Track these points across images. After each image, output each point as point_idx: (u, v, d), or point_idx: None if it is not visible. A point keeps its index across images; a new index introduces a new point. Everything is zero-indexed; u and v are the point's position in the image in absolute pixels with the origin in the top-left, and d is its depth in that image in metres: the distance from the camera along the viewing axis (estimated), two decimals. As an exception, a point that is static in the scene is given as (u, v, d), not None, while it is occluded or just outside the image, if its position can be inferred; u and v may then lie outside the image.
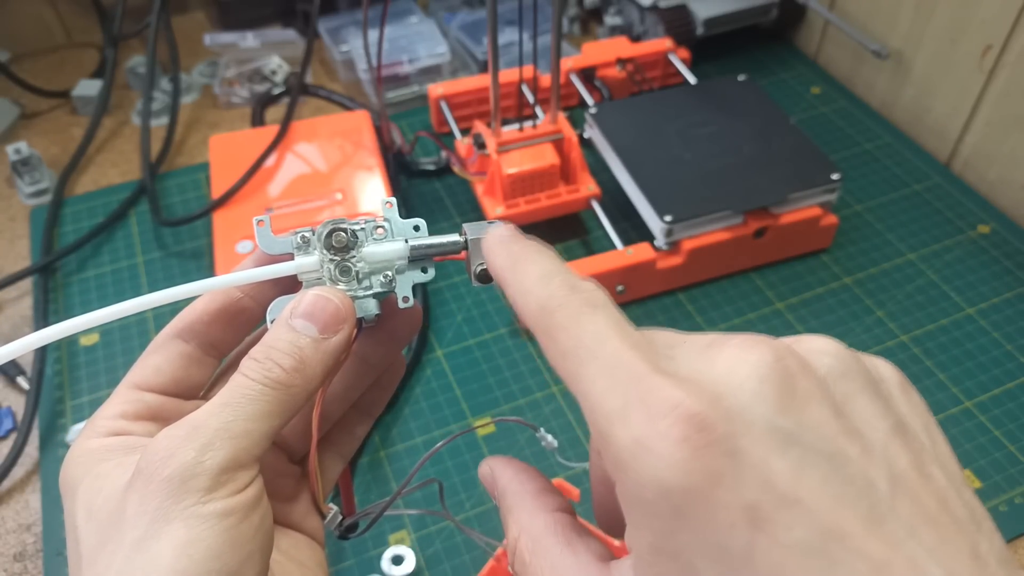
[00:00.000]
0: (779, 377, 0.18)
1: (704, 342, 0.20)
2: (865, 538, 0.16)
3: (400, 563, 0.46)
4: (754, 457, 0.17)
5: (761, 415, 0.17)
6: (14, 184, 0.69)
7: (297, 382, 0.23)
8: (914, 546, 0.16)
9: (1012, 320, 0.58)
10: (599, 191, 0.62)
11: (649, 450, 0.17)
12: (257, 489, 0.23)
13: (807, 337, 0.20)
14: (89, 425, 0.25)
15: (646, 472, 0.17)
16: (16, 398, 0.55)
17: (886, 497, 0.17)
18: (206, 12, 0.90)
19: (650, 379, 0.18)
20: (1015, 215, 0.66)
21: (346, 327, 0.25)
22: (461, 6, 0.85)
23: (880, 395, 0.19)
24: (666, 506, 0.17)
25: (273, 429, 0.23)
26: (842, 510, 0.16)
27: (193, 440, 0.22)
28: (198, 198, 0.69)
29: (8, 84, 0.76)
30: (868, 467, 0.17)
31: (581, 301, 0.21)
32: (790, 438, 0.17)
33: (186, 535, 0.21)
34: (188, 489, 0.21)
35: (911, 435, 0.19)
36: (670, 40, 0.75)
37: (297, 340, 0.24)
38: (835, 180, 0.59)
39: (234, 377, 0.23)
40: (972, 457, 0.50)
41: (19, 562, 0.47)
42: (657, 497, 0.17)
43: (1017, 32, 0.62)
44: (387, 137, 0.67)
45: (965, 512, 0.18)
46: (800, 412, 0.18)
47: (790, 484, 0.17)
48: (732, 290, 0.61)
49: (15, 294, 0.62)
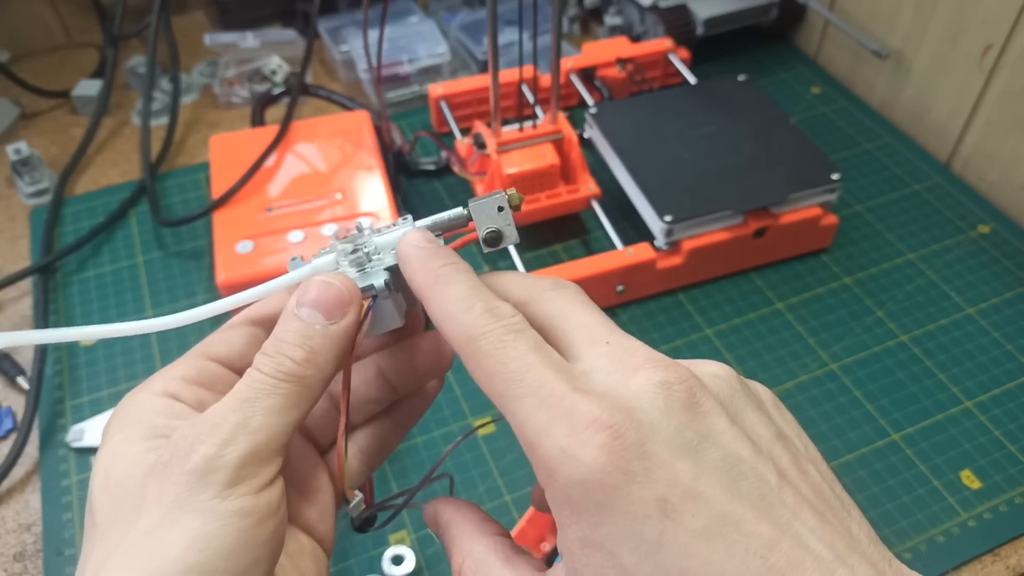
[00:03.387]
0: (683, 396, 0.21)
1: (620, 358, 0.22)
2: (757, 522, 0.19)
3: (400, 563, 0.46)
4: (662, 459, 0.20)
5: (667, 426, 0.21)
6: (14, 184, 0.69)
7: (310, 372, 0.24)
8: (799, 527, 0.20)
9: (1012, 320, 0.58)
10: (599, 191, 0.62)
11: (573, 457, 0.20)
12: (277, 493, 0.23)
13: (702, 362, 0.24)
14: (150, 379, 0.26)
15: (572, 475, 0.20)
16: (16, 398, 0.55)
17: (775, 488, 0.20)
18: (206, 12, 0.90)
19: (571, 397, 0.21)
20: (1015, 215, 0.66)
21: (352, 310, 0.25)
22: (461, 6, 0.85)
23: (762, 410, 0.23)
24: (590, 503, 0.20)
25: (292, 421, 0.24)
26: (737, 500, 0.20)
27: (214, 435, 0.22)
28: (198, 198, 0.69)
29: (8, 84, 0.76)
30: (758, 465, 0.21)
31: (503, 328, 0.23)
32: (691, 445, 0.20)
33: (200, 529, 0.21)
34: (208, 482, 0.22)
35: (789, 440, 0.23)
36: (670, 40, 0.75)
37: (305, 330, 0.24)
38: (835, 180, 0.59)
39: (249, 372, 0.24)
40: (972, 457, 0.50)
41: (19, 562, 0.47)
42: (581, 496, 0.20)
43: (1017, 32, 0.62)
44: (387, 137, 0.67)
45: (837, 501, 0.21)
46: (700, 423, 0.21)
47: (692, 480, 0.20)
48: (732, 290, 0.61)
49: (15, 294, 0.62)
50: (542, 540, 0.45)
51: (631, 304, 0.60)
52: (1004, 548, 0.47)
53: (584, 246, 0.64)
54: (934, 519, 0.48)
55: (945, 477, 0.50)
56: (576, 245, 0.64)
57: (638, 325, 0.58)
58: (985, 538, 0.47)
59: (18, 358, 0.57)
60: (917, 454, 0.51)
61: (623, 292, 0.58)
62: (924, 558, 0.46)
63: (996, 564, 0.46)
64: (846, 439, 0.52)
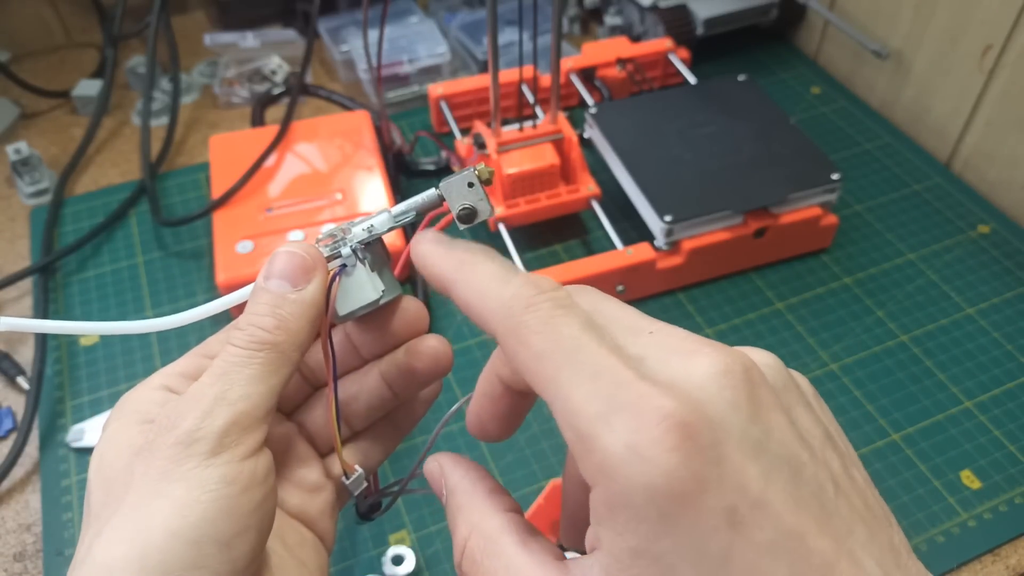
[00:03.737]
0: (749, 387, 0.19)
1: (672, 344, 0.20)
2: (819, 536, 0.18)
3: (400, 563, 0.46)
4: (734, 462, 0.18)
5: (736, 423, 0.18)
6: (14, 184, 0.69)
7: (281, 338, 0.24)
8: (853, 543, 0.18)
9: (1012, 320, 0.58)
10: (599, 191, 0.62)
11: (642, 456, 0.17)
12: (263, 464, 0.23)
13: (751, 349, 0.21)
14: (151, 376, 0.26)
15: (637, 478, 0.17)
16: (16, 398, 0.55)
17: (832, 498, 0.19)
18: (206, 12, 0.90)
19: (636, 386, 0.18)
20: (1015, 215, 0.66)
21: (316, 275, 0.26)
22: (461, 6, 0.85)
23: (811, 406, 0.21)
24: (654, 511, 0.17)
25: (271, 388, 0.24)
26: (801, 511, 0.18)
27: (195, 408, 0.23)
28: (198, 198, 0.69)
29: (8, 84, 0.76)
30: (817, 470, 0.19)
31: (551, 302, 0.20)
32: (759, 445, 0.18)
33: (185, 496, 0.21)
34: (191, 453, 0.22)
35: (835, 442, 0.21)
36: (670, 40, 0.75)
37: (272, 299, 0.25)
38: (835, 180, 0.59)
39: (225, 348, 0.24)
40: (972, 457, 0.50)
41: (19, 562, 0.47)
42: (645, 502, 0.17)
43: (1017, 32, 0.62)
44: (387, 137, 0.67)
45: (881, 511, 0.20)
46: (766, 420, 0.19)
47: (761, 487, 0.18)
48: (732, 290, 0.61)
49: (15, 294, 0.62)
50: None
51: (631, 304, 0.60)
52: (1004, 548, 0.47)
53: (584, 246, 0.64)
54: (934, 519, 0.48)
55: (945, 477, 0.50)
56: (576, 245, 0.64)
57: (638, 325, 0.58)
58: (985, 538, 0.47)
59: (18, 358, 0.57)
60: (917, 454, 0.51)
61: (623, 292, 0.58)
62: (924, 558, 0.46)
63: (996, 564, 0.46)
64: (846, 439, 0.52)
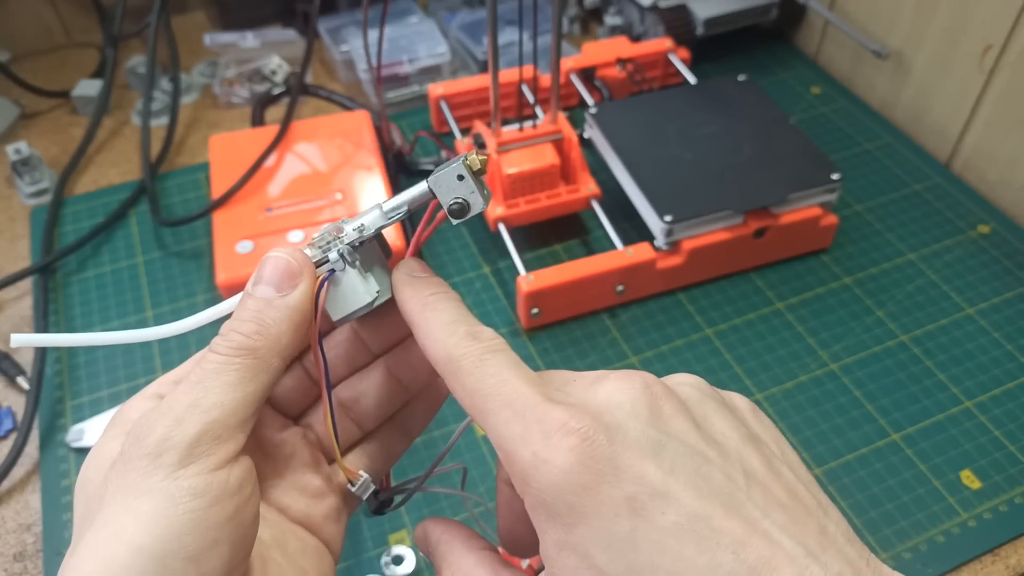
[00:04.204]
0: (648, 399, 0.22)
1: (591, 378, 0.23)
2: (725, 519, 0.20)
3: (400, 563, 0.46)
4: (630, 460, 0.20)
5: (634, 428, 0.21)
6: (14, 184, 0.69)
7: (260, 343, 0.24)
8: (768, 525, 0.20)
9: (1012, 320, 0.58)
10: (599, 191, 0.62)
11: (545, 461, 0.21)
12: (238, 474, 0.23)
13: (674, 375, 0.25)
14: (150, 384, 0.26)
15: (544, 479, 0.21)
16: (16, 398, 0.55)
17: (742, 488, 0.21)
18: (206, 12, 0.90)
19: (543, 406, 0.22)
20: (1015, 215, 0.66)
21: (303, 281, 0.26)
22: (461, 6, 0.85)
23: (732, 415, 0.24)
24: (563, 505, 0.20)
25: (249, 395, 0.24)
26: (705, 499, 0.20)
27: (165, 417, 0.22)
28: (198, 198, 0.69)
29: (8, 84, 0.76)
30: (725, 465, 0.21)
31: (482, 348, 0.24)
32: (658, 444, 0.21)
33: (151, 511, 0.21)
34: (159, 464, 0.22)
35: (761, 443, 0.23)
36: (670, 40, 0.75)
37: (256, 304, 0.25)
38: (835, 180, 0.59)
39: (205, 354, 0.24)
40: (972, 457, 0.50)
41: (19, 562, 0.47)
42: (554, 499, 0.20)
43: (1017, 32, 0.62)
44: (387, 137, 0.67)
45: (813, 501, 0.22)
46: (666, 425, 0.22)
47: (660, 480, 0.20)
48: (732, 290, 0.61)
49: (15, 294, 0.62)
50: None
51: (631, 304, 0.60)
52: (1004, 548, 0.47)
53: (584, 246, 0.64)
54: (934, 519, 0.48)
55: (945, 477, 0.50)
56: (576, 245, 0.64)
57: (638, 325, 0.58)
58: (985, 538, 0.47)
59: (18, 358, 0.57)
60: (917, 454, 0.51)
61: (623, 292, 0.58)
62: (924, 558, 0.46)
63: (996, 564, 0.46)
64: (846, 439, 0.52)
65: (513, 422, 0.22)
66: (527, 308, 0.56)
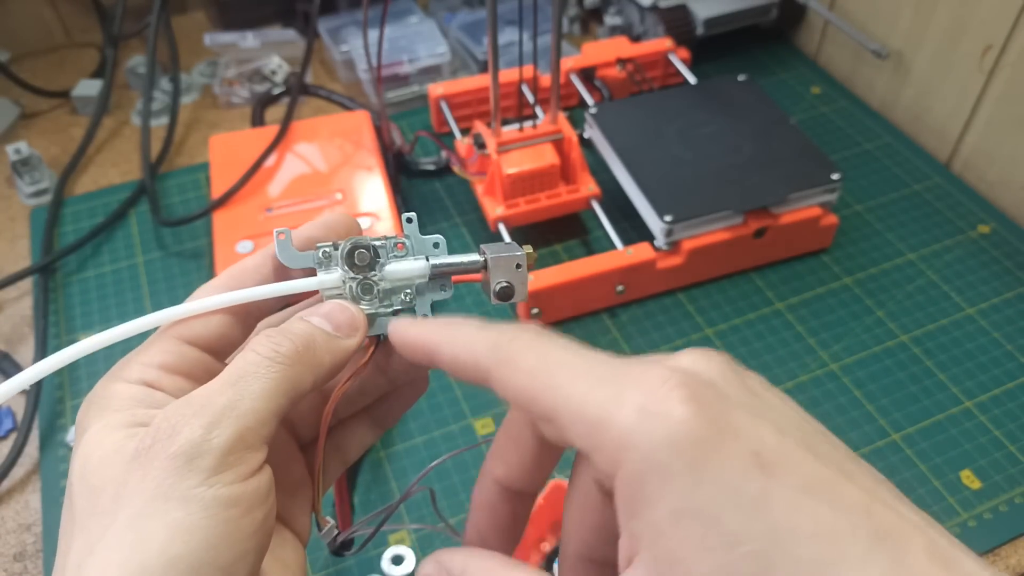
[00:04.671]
0: (733, 369, 0.21)
1: (662, 354, 0.22)
2: (846, 484, 0.18)
3: (400, 563, 0.46)
4: (742, 419, 0.19)
5: (733, 391, 0.20)
6: (14, 184, 0.69)
7: (305, 360, 0.23)
8: (883, 493, 0.19)
9: (1012, 320, 0.58)
10: (599, 191, 0.62)
11: (657, 413, 0.19)
12: (265, 481, 0.22)
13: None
14: (123, 365, 0.24)
15: (658, 434, 0.18)
16: (16, 398, 0.55)
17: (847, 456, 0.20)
18: (206, 12, 0.89)
19: (635, 367, 0.20)
20: (1015, 215, 0.66)
21: (358, 334, 0.25)
22: (461, 6, 0.85)
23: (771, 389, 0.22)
24: (681, 463, 0.18)
25: (280, 408, 0.23)
26: (821, 464, 0.19)
27: (200, 417, 0.21)
28: (198, 198, 0.69)
29: (8, 84, 0.76)
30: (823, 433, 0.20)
31: (532, 332, 0.23)
32: (761, 407, 0.20)
33: (184, 519, 0.20)
34: (193, 468, 0.21)
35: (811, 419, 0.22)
36: (670, 40, 0.75)
37: (309, 328, 0.24)
38: (835, 180, 0.59)
39: (243, 354, 0.23)
40: (972, 457, 0.50)
41: (19, 562, 0.47)
42: (671, 457, 0.18)
43: (1017, 32, 0.62)
44: (387, 137, 0.67)
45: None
46: (758, 393, 0.21)
47: (777, 441, 0.19)
48: (732, 290, 0.61)
49: (15, 294, 0.62)
50: (542, 540, 0.45)
51: (631, 304, 0.60)
52: (1004, 548, 0.47)
53: (584, 246, 0.64)
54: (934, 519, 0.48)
55: (945, 477, 0.50)
56: (576, 245, 0.64)
57: (638, 325, 0.58)
58: (985, 538, 0.47)
59: (18, 358, 0.57)
60: (917, 454, 0.51)
61: (623, 292, 0.58)
62: (924, 558, 0.46)
63: (996, 564, 0.46)
64: (846, 439, 0.51)
65: (598, 388, 0.20)
66: (527, 308, 0.56)
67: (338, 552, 0.29)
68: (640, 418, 0.19)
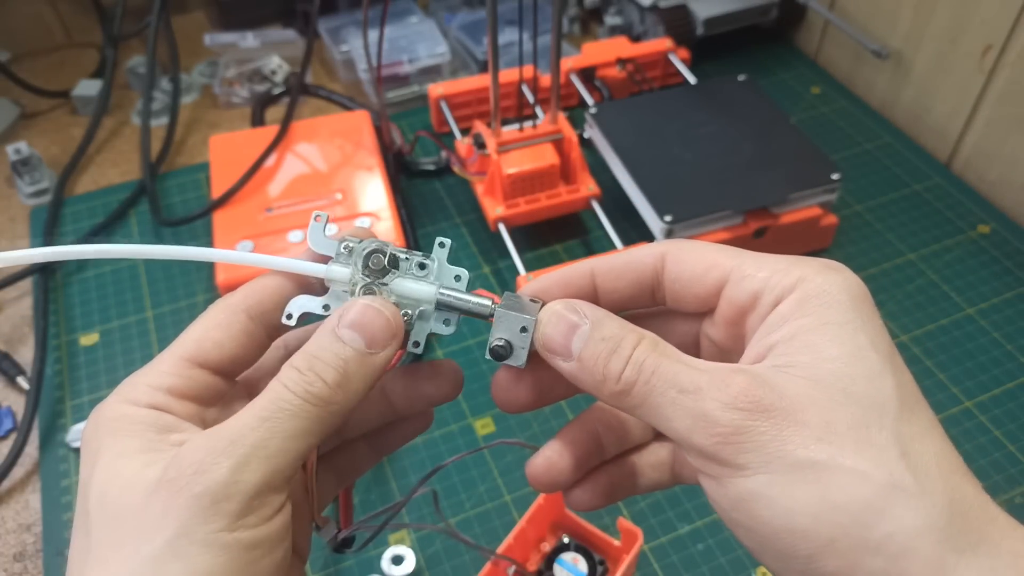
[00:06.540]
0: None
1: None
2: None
3: (400, 563, 0.46)
4: None
5: None
6: (14, 184, 0.69)
7: (339, 399, 0.23)
8: None
9: (1012, 320, 0.58)
10: (599, 191, 0.62)
11: (836, 269, 0.23)
12: (284, 520, 0.22)
13: None
14: (129, 386, 0.23)
15: (834, 277, 0.23)
16: (16, 398, 0.55)
17: None
18: (206, 12, 0.90)
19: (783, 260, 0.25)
20: (1015, 215, 0.66)
21: (394, 344, 0.24)
22: (461, 6, 0.85)
23: None
24: (846, 297, 0.23)
25: (310, 448, 0.22)
26: None
27: (229, 456, 0.21)
28: (198, 198, 0.69)
29: (8, 84, 0.76)
30: None
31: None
32: None
33: (206, 563, 0.20)
34: (218, 512, 0.20)
35: None
36: (670, 40, 0.75)
37: (343, 352, 0.23)
38: (835, 180, 0.59)
39: (273, 386, 0.22)
40: (972, 457, 0.50)
41: (19, 562, 0.47)
42: (839, 291, 0.23)
43: (1017, 32, 0.62)
44: (387, 137, 0.67)
45: None
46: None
47: None
48: (732, 290, 0.61)
49: (15, 294, 0.62)
50: (542, 540, 0.45)
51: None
52: (1004, 548, 0.47)
53: (584, 246, 0.64)
54: (934, 519, 0.48)
55: (945, 477, 0.49)
56: (576, 245, 0.64)
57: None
58: (985, 538, 0.47)
59: (18, 358, 0.57)
60: (917, 454, 0.51)
61: (623, 292, 0.58)
62: (924, 558, 0.46)
63: (996, 564, 0.46)
64: (846, 439, 0.52)
65: (768, 261, 0.24)
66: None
67: (339, 549, 0.29)
68: (822, 268, 0.23)
